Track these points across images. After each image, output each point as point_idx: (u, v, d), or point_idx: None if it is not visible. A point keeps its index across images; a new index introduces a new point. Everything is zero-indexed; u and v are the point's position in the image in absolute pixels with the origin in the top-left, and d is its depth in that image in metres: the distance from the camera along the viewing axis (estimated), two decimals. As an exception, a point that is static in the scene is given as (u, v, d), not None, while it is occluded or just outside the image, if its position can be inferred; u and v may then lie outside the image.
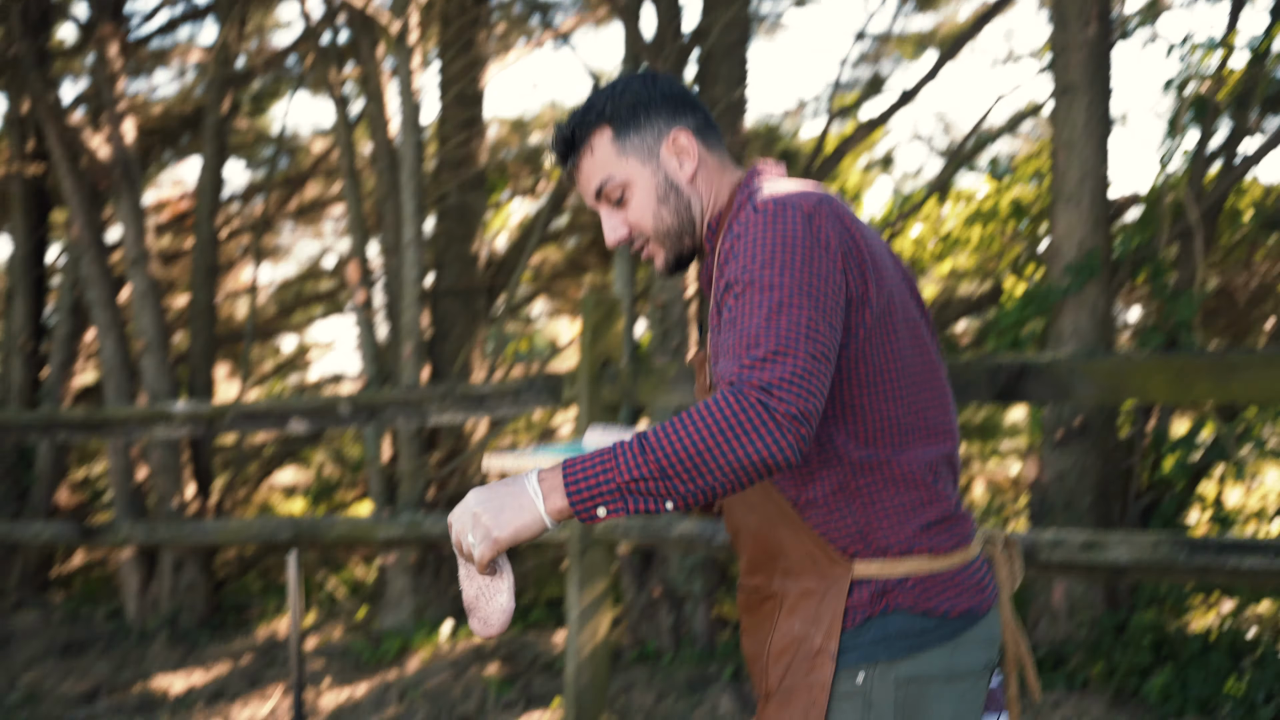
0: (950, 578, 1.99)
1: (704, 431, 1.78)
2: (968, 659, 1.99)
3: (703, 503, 1.88)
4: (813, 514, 2.00)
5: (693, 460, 1.78)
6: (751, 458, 1.78)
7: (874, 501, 1.97)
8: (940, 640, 1.97)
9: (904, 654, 1.95)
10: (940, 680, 1.97)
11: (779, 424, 1.78)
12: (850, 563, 1.97)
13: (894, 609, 1.96)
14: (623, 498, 1.82)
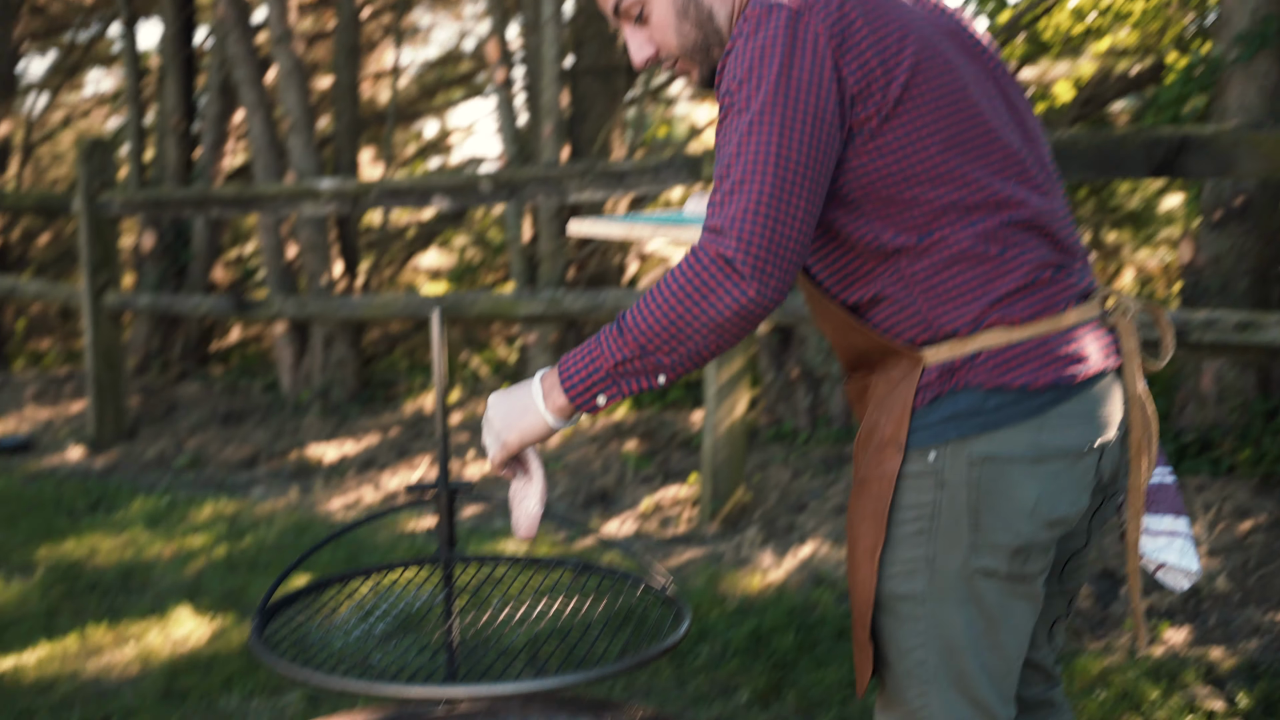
0: (1033, 348, 1.87)
1: (671, 300, 1.79)
2: (1059, 438, 1.87)
3: (695, 367, 1.87)
4: (872, 314, 1.93)
5: (668, 331, 1.79)
6: (724, 314, 1.77)
7: (930, 288, 1.87)
8: (1022, 416, 1.85)
9: (977, 431, 1.86)
10: (1024, 460, 1.85)
11: (740, 274, 1.75)
12: (920, 351, 1.89)
13: (964, 385, 1.87)
14: (614, 381, 1.85)
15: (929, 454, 1.87)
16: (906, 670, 1.94)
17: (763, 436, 6.15)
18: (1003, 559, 1.88)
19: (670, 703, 3.71)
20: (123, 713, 3.75)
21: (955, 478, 1.86)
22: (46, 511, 5.99)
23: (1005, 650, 1.93)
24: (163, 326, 9.02)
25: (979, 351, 1.86)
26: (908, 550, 1.90)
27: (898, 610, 1.92)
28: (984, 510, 1.86)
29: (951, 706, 1.93)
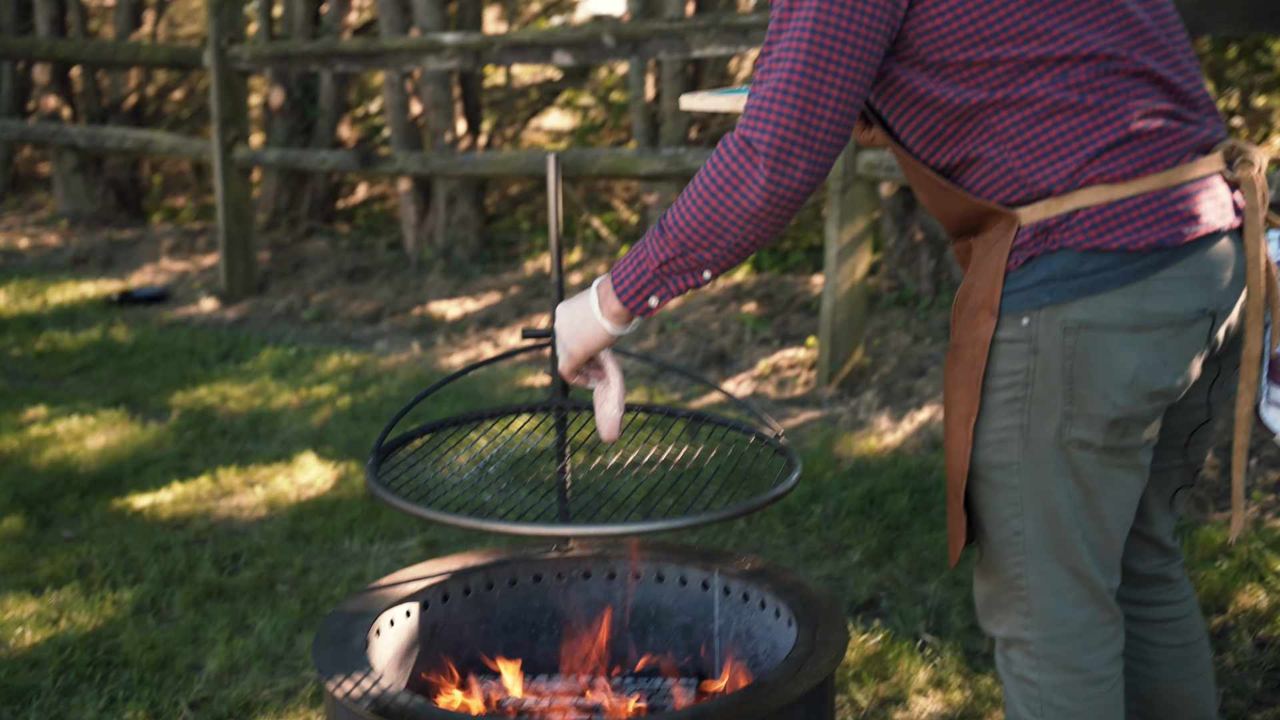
0: (1136, 206, 1.75)
1: (705, 194, 1.77)
2: (1164, 304, 1.76)
3: (738, 262, 1.84)
4: (964, 176, 1.84)
5: (705, 226, 1.78)
6: (755, 203, 1.75)
7: (1021, 144, 1.77)
8: (1122, 281, 1.75)
9: (1072, 296, 1.76)
10: (1123, 328, 1.75)
11: (766, 159, 1.72)
12: (1015, 211, 1.79)
13: (1059, 247, 1.76)
14: (662, 281, 1.85)
15: (1022, 319, 1.79)
16: (1003, 540, 1.90)
17: (884, 301, 6.07)
18: (1099, 431, 1.80)
19: (782, 560, 3.74)
20: (251, 551, 3.89)
21: (1049, 345, 1.78)
22: (181, 360, 6.18)
23: (1106, 522, 1.88)
24: (291, 184, 9.15)
25: (1076, 210, 1.76)
26: (1001, 419, 1.84)
27: (993, 479, 1.88)
28: (1079, 380, 1.78)
29: (1050, 576, 1.89)
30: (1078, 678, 1.92)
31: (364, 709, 1.99)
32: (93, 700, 3.04)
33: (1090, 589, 1.90)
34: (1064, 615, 1.91)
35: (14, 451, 4.86)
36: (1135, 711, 2.25)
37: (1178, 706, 2.19)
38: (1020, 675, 1.96)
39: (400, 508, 1.96)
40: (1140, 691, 2.22)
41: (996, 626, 1.98)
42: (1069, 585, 1.90)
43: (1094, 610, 1.92)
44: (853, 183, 5.03)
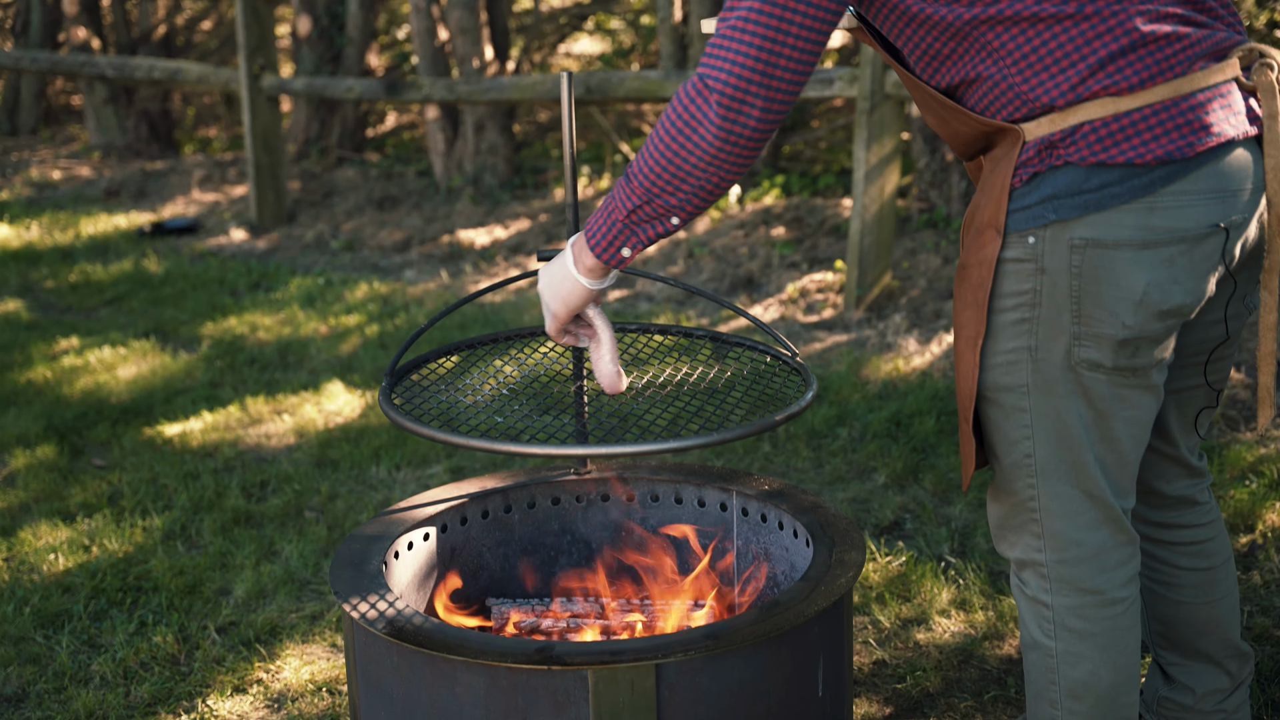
0: (1143, 118, 1.69)
1: (665, 139, 1.75)
2: (1173, 219, 1.71)
3: (705, 205, 1.81)
4: (967, 95, 1.79)
5: (668, 171, 1.75)
6: (712, 144, 1.72)
7: (1020, 59, 1.71)
8: (1129, 196, 1.69)
9: (1078, 213, 1.71)
10: (1131, 245, 1.71)
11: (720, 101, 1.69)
12: (1019, 127, 1.73)
13: (1064, 162, 1.71)
14: (632, 231, 1.84)
15: (1029, 238, 1.75)
16: (1014, 463, 1.88)
17: (914, 223, 6.00)
18: (1108, 352, 1.77)
19: (806, 483, 3.73)
20: (279, 478, 3.92)
21: (1056, 264, 1.74)
22: (211, 290, 6.21)
23: (1119, 443, 1.85)
24: (321, 113, 9.12)
25: (1081, 124, 1.70)
26: (1009, 340, 1.81)
27: (1002, 402, 1.85)
28: (1087, 300, 1.74)
29: (1062, 499, 1.87)
30: (1092, 599, 1.91)
31: (380, 630, 2.00)
32: (123, 624, 3.08)
33: (1104, 511, 1.88)
34: (1077, 537, 1.89)
35: (47, 382, 4.91)
36: (1156, 633, 2.23)
37: (1200, 629, 2.17)
38: (1034, 597, 1.95)
39: (413, 429, 1.96)
40: (1161, 613, 2.20)
41: (1010, 549, 1.97)
42: (1082, 508, 1.87)
43: (1108, 532, 1.89)
44: (881, 102, 4.96)
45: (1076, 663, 1.93)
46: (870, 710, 2.65)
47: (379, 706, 2.08)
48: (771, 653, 2.00)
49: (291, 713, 2.73)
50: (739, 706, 1.98)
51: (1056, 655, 1.94)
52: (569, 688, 1.91)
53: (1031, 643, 1.98)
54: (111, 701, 2.77)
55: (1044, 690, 1.98)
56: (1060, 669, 1.94)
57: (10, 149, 10.82)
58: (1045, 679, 1.97)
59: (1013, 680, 2.72)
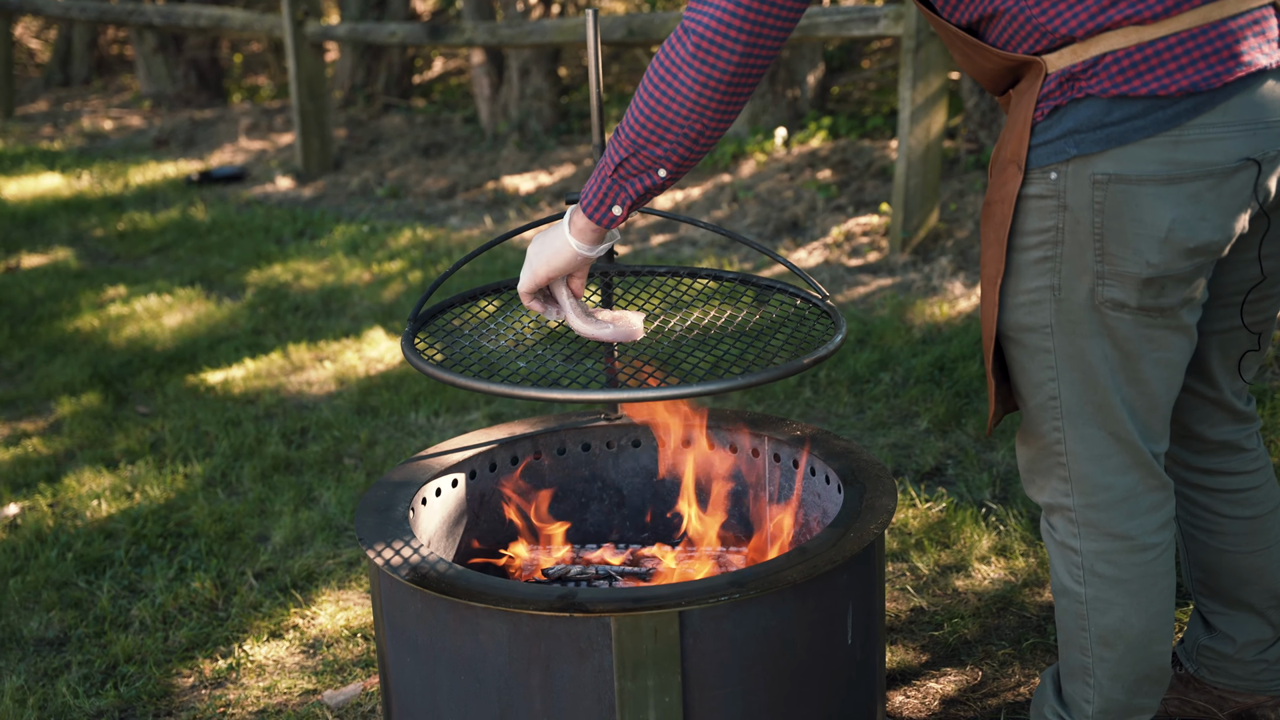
0: (1168, 48, 1.62)
1: (649, 88, 1.72)
2: (1200, 152, 1.64)
3: (692, 156, 1.76)
4: (988, 30, 1.73)
5: (652, 120, 1.72)
6: (692, 89, 1.68)
7: None
8: (1153, 129, 1.63)
9: (1100, 147, 1.64)
10: (1155, 180, 1.64)
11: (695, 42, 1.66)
12: (1041, 59, 1.67)
13: (1085, 94, 1.65)
14: (620, 186, 1.80)
15: (1050, 174, 1.69)
16: (1040, 404, 1.84)
17: (963, 164, 5.89)
18: (1132, 291, 1.71)
19: (848, 429, 3.68)
20: (319, 425, 3.93)
21: (1078, 200, 1.68)
22: (257, 238, 6.22)
23: (1148, 385, 1.79)
24: (366, 60, 9.09)
25: (1103, 54, 1.64)
26: (1032, 279, 1.76)
27: (1026, 342, 1.81)
28: (1110, 237, 1.69)
29: (1089, 442, 1.82)
30: (1121, 544, 1.86)
31: (403, 576, 1.99)
32: (163, 570, 3.10)
33: (1133, 454, 1.83)
34: (1105, 481, 1.84)
35: (94, 330, 4.94)
36: (1197, 580, 2.18)
37: (1242, 578, 2.12)
38: (1063, 542, 1.91)
39: (431, 374, 1.94)
40: (1202, 560, 2.15)
41: (1039, 493, 1.92)
42: (1109, 450, 1.82)
43: (1137, 476, 1.84)
44: (927, 40, 4.86)
45: (1107, 609, 1.89)
46: (906, 658, 2.62)
47: (404, 652, 2.08)
48: (798, 600, 1.97)
49: (326, 658, 2.74)
50: (765, 654, 1.96)
51: (1086, 601, 1.90)
52: (591, 634, 1.89)
53: (1061, 589, 1.94)
54: (150, 646, 2.79)
55: (1075, 637, 1.94)
56: (1090, 616, 1.90)
57: (63, 99, 10.89)
58: (1076, 626, 1.93)
59: (1051, 628, 2.68)
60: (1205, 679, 2.22)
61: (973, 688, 2.53)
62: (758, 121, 6.77)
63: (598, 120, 2.25)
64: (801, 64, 6.85)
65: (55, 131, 9.53)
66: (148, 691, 2.65)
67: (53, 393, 4.31)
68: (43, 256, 6.15)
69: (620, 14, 7.28)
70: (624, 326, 2.03)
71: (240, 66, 11.39)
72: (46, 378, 4.44)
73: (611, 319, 2.05)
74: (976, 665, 2.59)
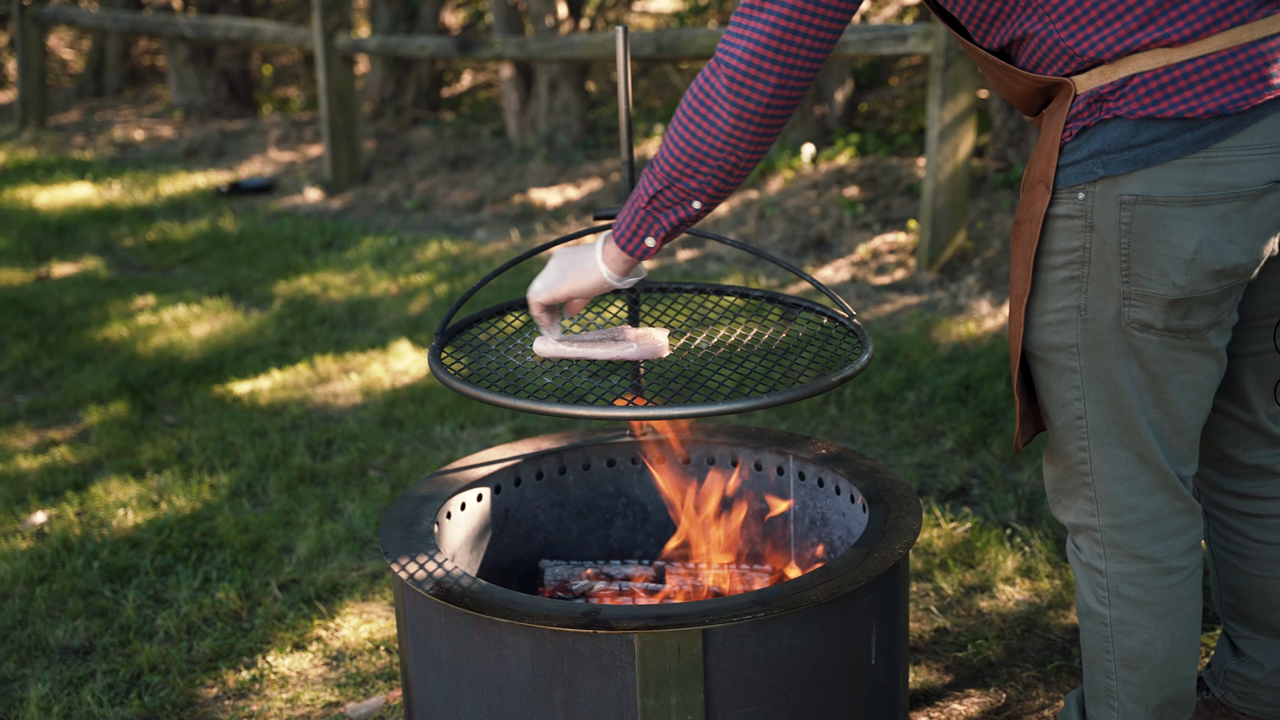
0: (1196, 70, 1.62)
1: (683, 120, 1.74)
2: (1229, 174, 1.63)
3: (726, 189, 1.77)
4: (1019, 54, 1.74)
5: (685, 153, 1.74)
6: (726, 124, 1.70)
7: (1064, 13, 1.65)
8: (1181, 151, 1.63)
9: (1127, 168, 1.65)
10: (1182, 202, 1.64)
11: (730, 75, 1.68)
12: (1070, 80, 1.68)
13: (1113, 115, 1.65)
14: (654, 217, 1.82)
15: (1078, 194, 1.70)
16: (1066, 424, 1.84)
17: (991, 182, 5.88)
18: (1158, 312, 1.71)
19: (872, 447, 3.68)
20: (345, 437, 3.94)
21: (1105, 221, 1.69)
22: (285, 249, 6.26)
23: (1175, 407, 1.79)
24: (396, 73, 9.14)
25: (1131, 76, 1.64)
26: (1059, 299, 1.77)
27: (1053, 362, 1.81)
28: (1136, 258, 1.69)
29: (1115, 462, 1.82)
30: (1147, 567, 1.85)
31: (427, 591, 2.00)
32: (188, 580, 3.12)
33: (1159, 476, 1.82)
34: (1131, 502, 1.83)
35: (122, 340, 4.98)
36: (1227, 604, 2.17)
37: (1273, 604, 2.10)
38: (1088, 563, 1.90)
39: (456, 388, 1.95)
40: (1232, 584, 2.13)
41: (1065, 513, 1.92)
42: (1135, 471, 1.82)
43: (1164, 498, 1.83)
44: (956, 58, 4.85)
45: (1132, 632, 1.88)
46: (930, 679, 2.61)
47: (428, 667, 2.08)
48: (822, 619, 1.97)
49: (350, 670, 2.74)
50: (788, 673, 1.96)
51: (1111, 624, 1.89)
52: (615, 652, 1.89)
53: (1086, 610, 1.93)
54: (174, 656, 2.81)
55: (1099, 659, 1.93)
56: (1115, 638, 1.89)
57: (95, 109, 10.98)
58: (1100, 648, 1.92)
59: (1076, 650, 2.66)
60: (1232, 704, 2.20)
61: (996, 710, 2.51)
62: (785, 138, 6.77)
63: (626, 137, 2.25)
64: (830, 81, 6.85)
65: (87, 141, 9.61)
66: (171, 701, 2.66)
67: (81, 401, 4.34)
68: (73, 265, 6.20)
69: (649, 30, 7.30)
70: (648, 344, 2.03)
71: (271, 78, 11.47)
72: (75, 386, 4.47)
73: (636, 336, 2.06)
74: (1000, 687, 2.58)
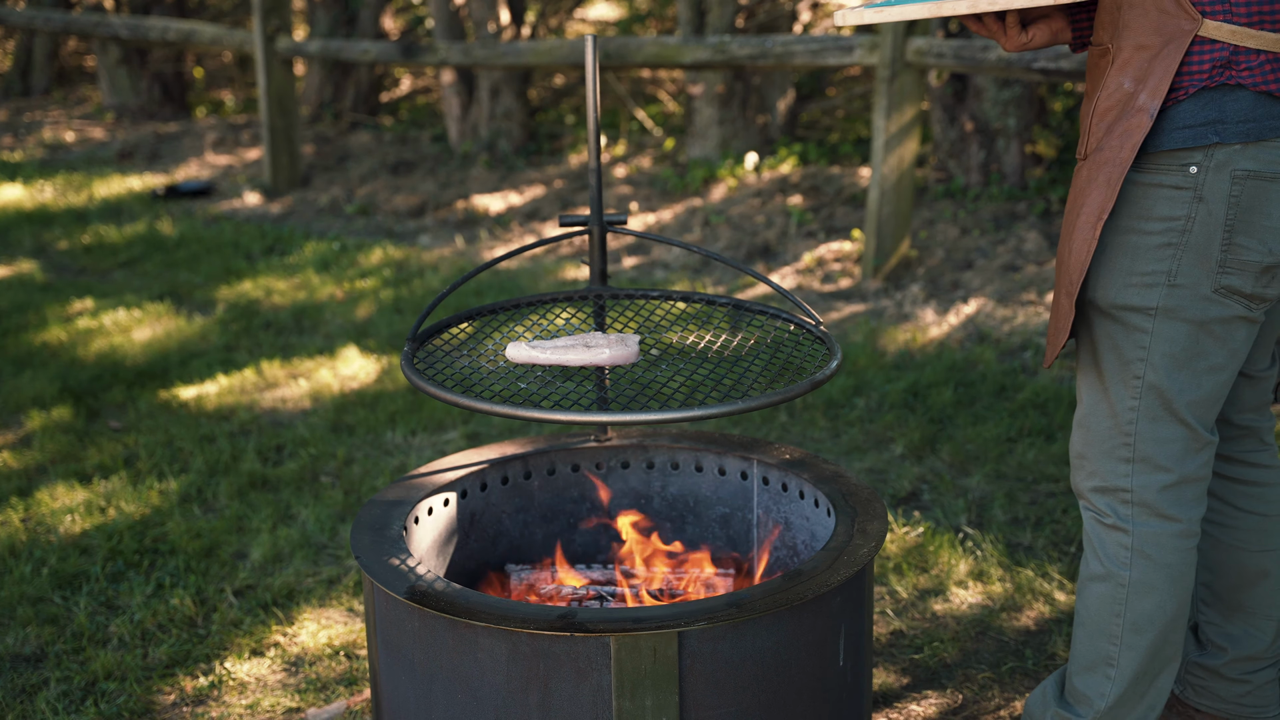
0: None
1: None
2: None
3: None
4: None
5: None
6: None
7: None
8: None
9: (1240, 139, 1.75)
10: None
11: None
12: (1200, 19, 1.74)
13: (1237, 83, 1.74)
14: None
15: (1190, 167, 1.78)
16: (1124, 381, 1.91)
17: (932, 192, 5.97)
18: (1250, 278, 1.82)
19: (823, 453, 3.72)
20: (295, 442, 3.92)
21: (1216, 194, 1.78)
22: (226, 253, 6.20)
23: (1221, 372, 1.89)
24: (335, 76, 9.08)
25: (1262, 50, 1.73)
26: (1150, 263, 1.84)
27: (1127, 320, 1.89)
28: (1239, 229, 1.79)
29: (1160, 423, 1.91)
30: (1172, 528, 1.95)
31: (401, 594, 2.00)
32: (140, 586, 3.08)
33: (1195, 441, 1.92)
34: (1167, 464, 1.93)
35: (62, 344, 4.91)
36: (1202, 584, 2.23)
37: (1245, 577, 2.17)
38: (1114, 525, 1.97)
39: (435, 394, 1.95)
40: (1211, 559, 2.20)
41: (1092, 478, 1.99)
42: (1177, 434, 1.91)
43: (1194, 465, 1.93)
44: (901, 70, 4.92)
45: (1148, 593, 1.96)
46: (888, 680, 2.65)
47: (399, 671, 2.08)
48: (794, 622, 1.99)
49: (309, 676, 2.73)
50: (761, 674, 1.98)
51: (1129, 584, 1.97)
52: (591, 654, 1.91)
53: (1103, 574, 2.00)
54: (130, 663, 2.78)
55: (1106, 625, 2.00)
56: (1130, 600, 1.97)
57: (23, 109, 10.79)
58: (1110, 611, 1.99)
59: (1030, 652, 2.72)
60: (1190, 700, 2.26)
61: (953, 710, 2.56)
62: (728, 146, 6.82)
63: (594, 143, 2.27)
64: (772, 91, 6.91)
65: (15, 142, 9.45)
66: (129, 709, 2.63)
67: (22, 406, 4.28)
68: (6, 268, 6.10)
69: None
70: (619, 350, 2.05)
71: (203, 81, 11.34)
72: (15, 391, 4.40)
73: (608, 342, 2.08)
74: (957, 689, 2.62)
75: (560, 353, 2.05)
